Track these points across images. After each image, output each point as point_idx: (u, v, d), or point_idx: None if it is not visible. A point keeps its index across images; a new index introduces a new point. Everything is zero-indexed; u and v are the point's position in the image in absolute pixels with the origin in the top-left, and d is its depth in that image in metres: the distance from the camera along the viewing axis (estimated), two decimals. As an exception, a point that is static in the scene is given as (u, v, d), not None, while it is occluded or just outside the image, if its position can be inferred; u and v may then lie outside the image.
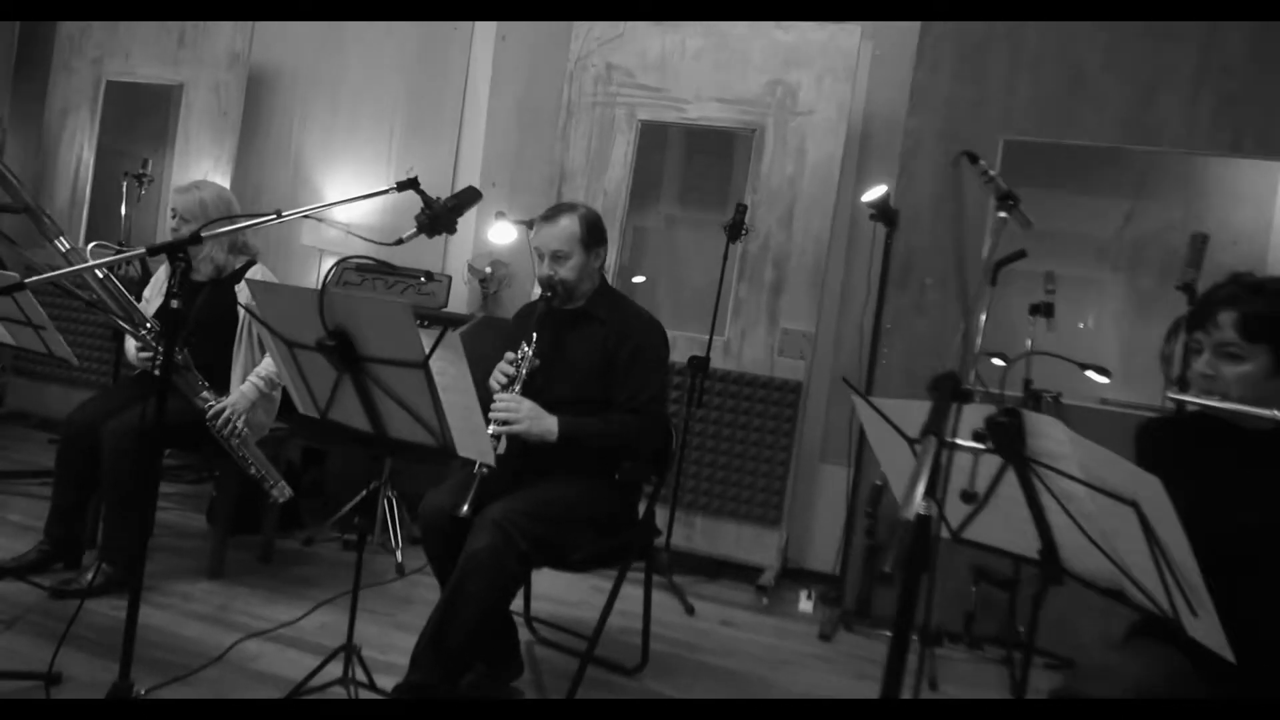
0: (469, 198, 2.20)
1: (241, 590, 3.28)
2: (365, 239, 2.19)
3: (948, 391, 1.17)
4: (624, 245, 4.49)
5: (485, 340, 2.93)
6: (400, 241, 2.14)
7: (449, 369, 1.94)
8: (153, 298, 3.36)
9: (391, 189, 2.14)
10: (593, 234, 2.71)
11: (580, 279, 2.71)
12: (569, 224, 2.68)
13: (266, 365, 3.26)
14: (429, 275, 4.41)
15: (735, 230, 3.97)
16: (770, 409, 4.10)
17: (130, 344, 3.22)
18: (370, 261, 3.73)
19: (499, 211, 4.61)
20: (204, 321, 3.24)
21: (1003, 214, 1.53)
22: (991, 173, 1.56)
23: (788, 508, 4.14)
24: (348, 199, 2.14)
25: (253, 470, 3.19)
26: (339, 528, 3.93)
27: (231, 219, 2.01)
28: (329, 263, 4.90)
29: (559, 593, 3.62)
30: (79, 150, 5.17)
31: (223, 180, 4.92)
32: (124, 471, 3.02)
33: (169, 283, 2.02)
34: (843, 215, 4.23)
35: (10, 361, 5.32)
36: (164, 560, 3.44)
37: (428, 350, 1.92)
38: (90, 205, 5.16)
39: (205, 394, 3.13)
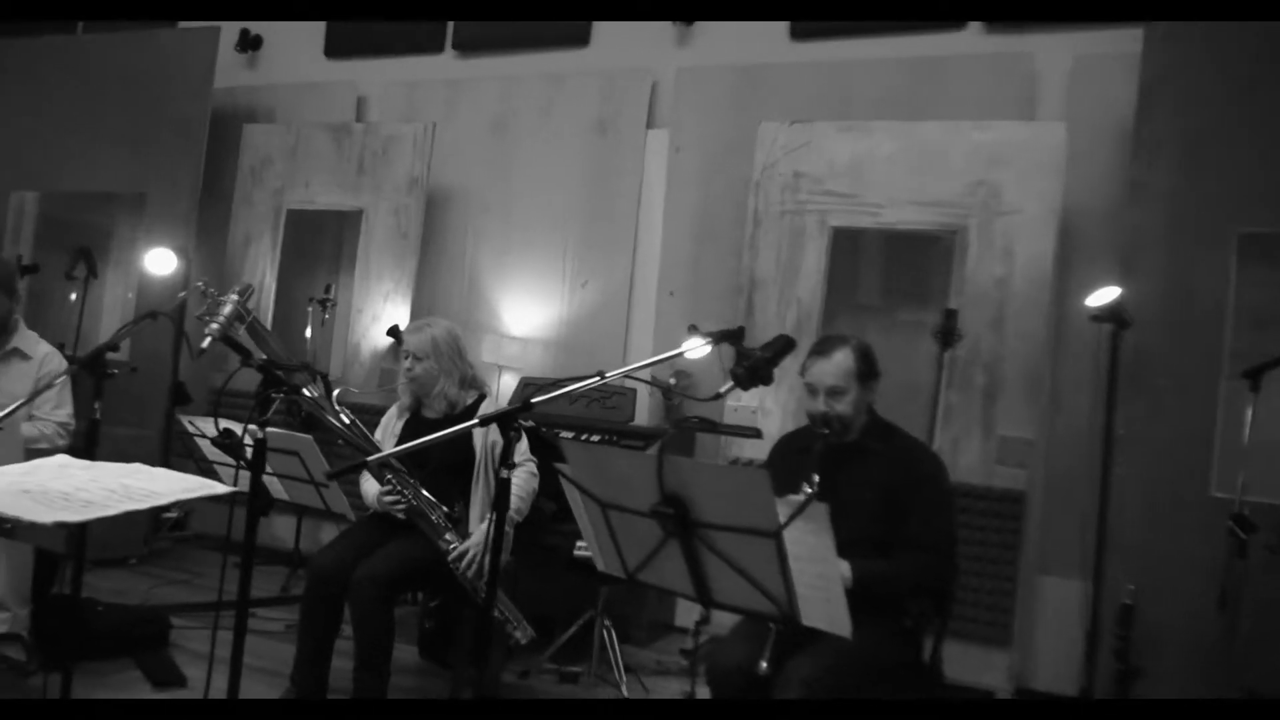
0: (784, 347, 2.12)
1: (483, 736, 3.18)
2: (680, 391, 2.10)
3: None
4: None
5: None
6: (719, 396, 2.07)
7: (808, 539, 1.84)
8: (384, 439, 3.35)
9: (709, 341, 2.07)
10: (868, 367, 2.61)
11: (856, 414, 2.60)
12: (844, 359, 2.58)
13: (504, 502, 3.21)
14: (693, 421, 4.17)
15: (947, 337, 3.84)
16: (992, 521, 3.90)
17: (371, 486, 3.20)
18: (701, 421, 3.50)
19: (691, 325, 4.52)
20: (440, 460, 3.23)
21: None
22: None
23: (1017, 626, 3.91)
24: (662, 357, 2.07)
25: (496, 612, 3.12)
26: (554, 659, 3.82)
27: (558, 383, 1.95)
28: (508, 378, 4.89)
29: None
30: (261, 277, 5.32)
31: (403, 300, 5.00)
32: (376, 621, 2.97)
33: (505, 450, 1.97)
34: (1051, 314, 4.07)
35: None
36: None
37: (784, 519, 1.82)
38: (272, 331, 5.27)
39: (448, 535, 3.08)
